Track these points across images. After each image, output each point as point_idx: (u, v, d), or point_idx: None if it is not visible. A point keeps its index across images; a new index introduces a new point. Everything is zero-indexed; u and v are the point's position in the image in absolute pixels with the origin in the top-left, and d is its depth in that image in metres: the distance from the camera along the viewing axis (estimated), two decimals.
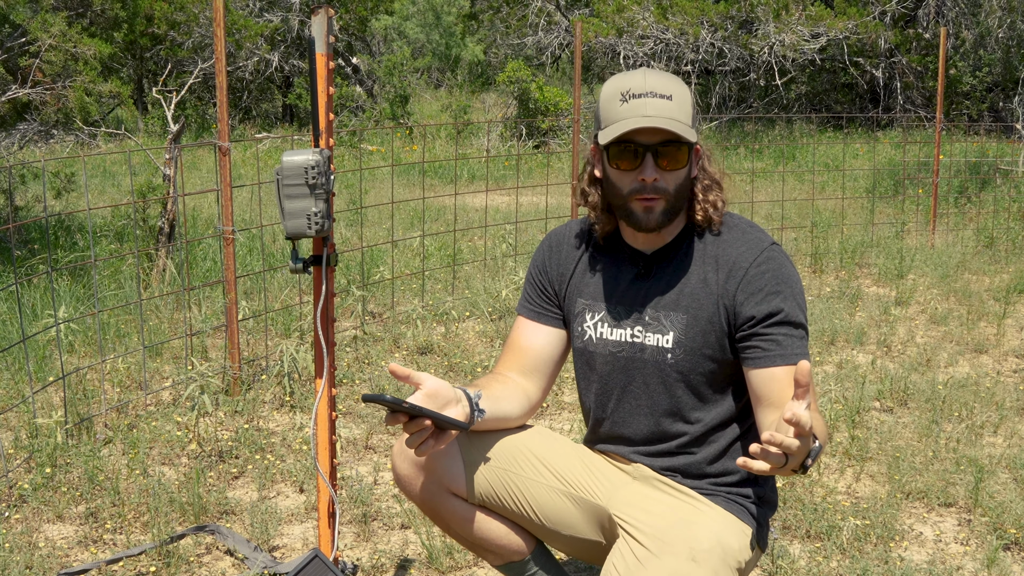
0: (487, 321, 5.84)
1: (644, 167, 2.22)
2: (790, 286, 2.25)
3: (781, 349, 2.21)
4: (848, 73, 16.88)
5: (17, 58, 8.96)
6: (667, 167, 2.23)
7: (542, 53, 18.92)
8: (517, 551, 2.52)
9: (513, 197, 10.10)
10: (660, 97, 2.20)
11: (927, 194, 9.08)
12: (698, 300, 2.28)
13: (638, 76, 2.23)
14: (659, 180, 2.22)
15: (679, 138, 2.20)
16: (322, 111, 2.54)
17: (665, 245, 2.34)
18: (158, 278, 6.13)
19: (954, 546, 3.33)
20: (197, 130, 15.98)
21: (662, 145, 2.20)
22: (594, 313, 2.41)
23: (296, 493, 3.72)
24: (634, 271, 2.37)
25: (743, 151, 13.12)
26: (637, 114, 2.19)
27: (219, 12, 4.45)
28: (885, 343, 5.51)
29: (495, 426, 2.42)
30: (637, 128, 2.18)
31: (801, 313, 2.25)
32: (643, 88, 2.21)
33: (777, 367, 2.20)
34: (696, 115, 2.30)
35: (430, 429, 2.16)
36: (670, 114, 2.19)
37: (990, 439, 4.22)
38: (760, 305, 2.22)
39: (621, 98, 2.22)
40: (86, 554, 3.26)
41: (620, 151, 2.23)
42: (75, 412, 4.22)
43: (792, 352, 2.21)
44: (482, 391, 2.35)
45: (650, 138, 2.21)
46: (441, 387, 2.23)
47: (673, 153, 2.22)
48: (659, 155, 2.21)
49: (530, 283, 2.54)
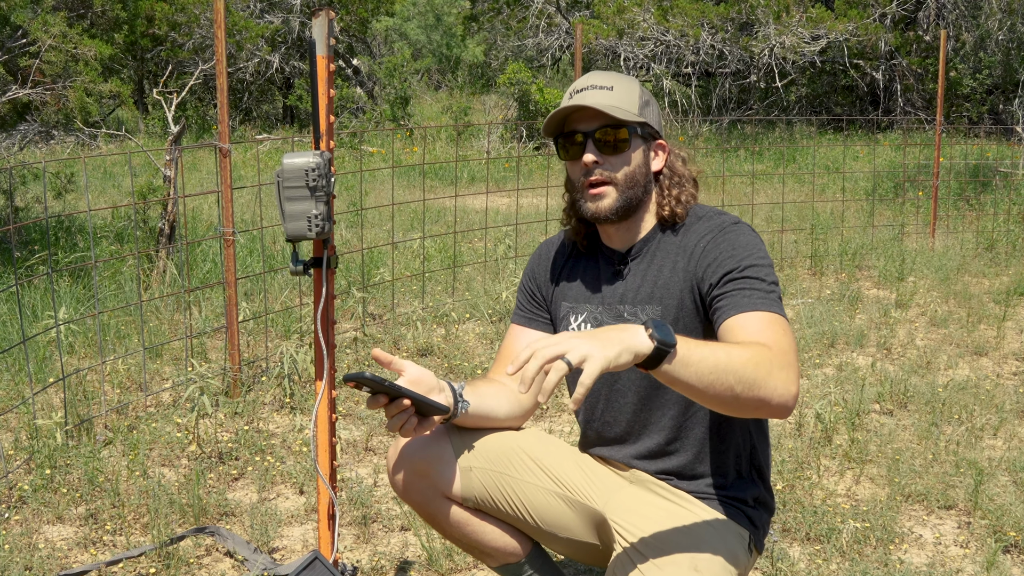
0: (487, 323, 5.84)
1: (585, 152, 2.31)
2: (745, 248, 2.22)
3: (732, 300, 2.16)
4: (848, 75, 16.89)
5: (17, 59, 8.97)
6: (607, 151, 2.30)
7: (543, 55, 18.94)
8: (513, 553, 2.52)
9: (513, 199, 10.11)
10: (600, 89, 2.31)
11: (927, 196, 9.08)
12: (669, 289, 2.30)
13: (585, 76, 2.36)
14: (602, 164, 2.31)
15: (617, 121, 2.28)
16: (323, 113, 2.54)
17: (638, 242, 2.39)
18: (158, 279, 6.13)
19: (954, 549, 3.33)
20: (198, 131, 15.98)
21: (600, 129, 2.29)
22: (577, 315, 2.44)
23: (296, 495, 3.72)
24: (611, 270, 2.42)
25: (743, 153, 13.13)
26: (574, 103, 2.30)
27: (220, 13, 4.45)
28: (885, 345, 5.52)
29: (483, 424, 2.43)
30: (574, 115, 2.31)
31: (762, 270, 2.18)
32: (584, 83, 2.34)
33: (729, 318, 2.14)
34: (651, 108, 2.37)
35: (411, 411, 2.18)
36: (608, 101, 2.29)
37: (990, 442, 4.22)
38: (715, 271, 2.22)
39: (568, 96, 2.35)
40: (86, 555, 3.26)
41: (564, 143, 2.35)
42: (75, 413, 4.22)
43: (745, 302, 2.13)
44: (467, 386, 2.38)
45: (589, 124, 2.31)
46: (424, 375, 2.27)
47: (612, 136, 2.29)
48: (598, 140, 2.30)
49: (522, 291, 2.59)
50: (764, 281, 2.16)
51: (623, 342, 1.80)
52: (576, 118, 2.32)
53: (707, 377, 1.87)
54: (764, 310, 2.11)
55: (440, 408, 2.20)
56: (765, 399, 1.93)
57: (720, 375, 1.87)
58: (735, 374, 1.89)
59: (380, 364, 2.22)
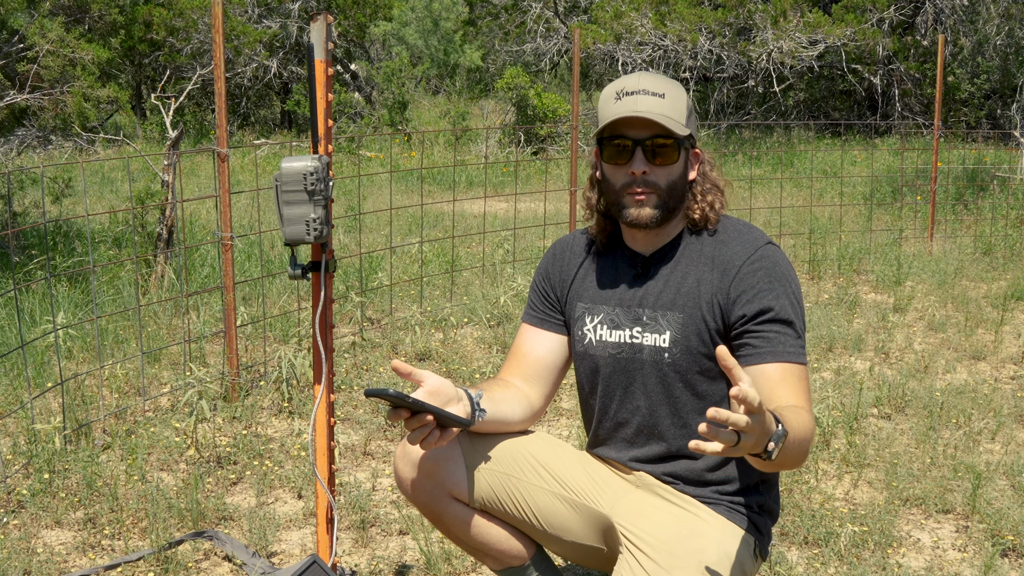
0: (485, 327, 5.84)
1: (634, 160, 2.27)
2: (783, 284, 2.25)
3: (771, 346, 2.20)
4: (846, 80, 16.90)
5: (15, 64, 8.97)
6: (657, 162, 2.28)
7: (540, 60, 18.95)
8: (517, 556, 2.52)
9: (511, 204, 10.11)
10: (652, 95, 2.27)
11: (925, 201, 9.09)
12: (694, 299, 2.29)
13: (634, 77, 2.31)
14: (649, 174, 2.28)
15: (669, 132, 2.25)
16: (321, 117, 2.55)
17: (663, 246, 2.37)
18: (156, 284, 6.13)
19: (952, 552, 3.33)
20: (196, 136, 15.98)
21: (651, 139, 2.26)
22: (593, 316, 2.43)
23: (294, 499, 3.72)
24: (632, 272, 2.39)
25: (741, 158, 13.14)
26: (628, 108, 2.26)
27: (218, 18, 4.46)
28: (883, 350, 5.52)
29: (496, 429, 2.43)
30: (625, 119, 2.26)
31: (793, 311, 2.24)
32: (636, 87, 2.28)
33: (767, 364, 2.20)
34: (692, 118, 2.35)
35: (432, 425, 2.18)
36: (660, 110, 2.26)
37: (988, 446, 4.22)
38: (751, 303, 2.23)
39: (615, 96, 2.30)
40: (84, 560, 3.26)
41: (612, 146, 2.30)
42: (73, 418, 4.22)
43: (783, 350, 2.20)
44: (483, 392, 2.37)
45: (640, 132, 2.26)
46: (443, 385, 2.25)
47: (663, 147, 2.27)
48: (648, 149, 2.27)
49: (534, 291, 2.56)
50: (796, 327, 2.23)
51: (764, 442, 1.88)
52: (626, 122, 2.27)
53: (787, 459, 2.01)
54: (795, 362, 2.21)
55: (460, 421, 2.21)
56: (792, 468, 2.14)
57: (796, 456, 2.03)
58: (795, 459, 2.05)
59: (400, 375, 2.20)
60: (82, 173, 5.07)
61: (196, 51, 16.27)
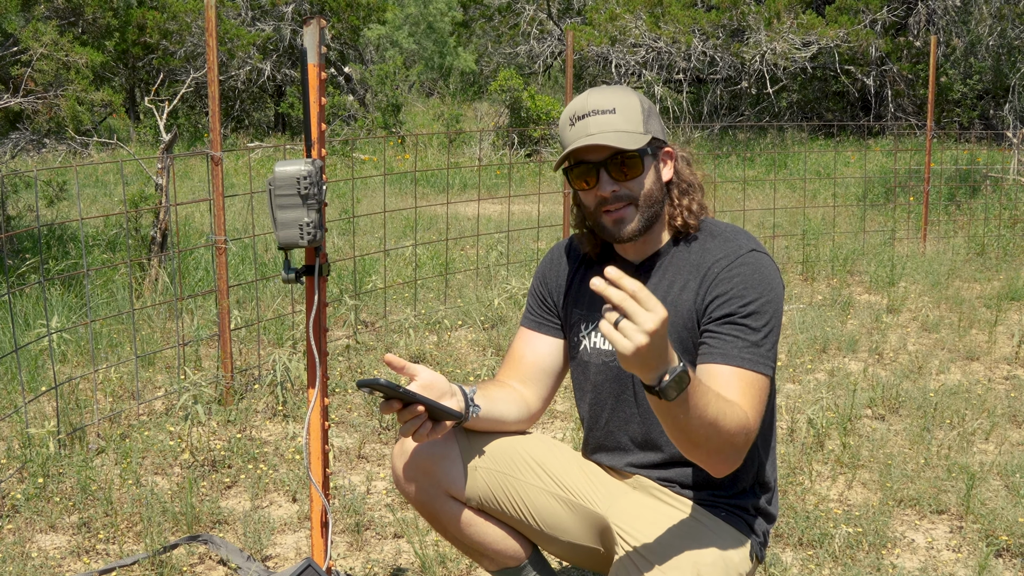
0: (479, 330, 5.84)
1: (601, 183, 2.27)
2: (758, 291, 2.22)
3: (724, 348, 2.17)
4: (839, 81, 16.95)
5: (9, 67, 8.96)
6: (624, 177, 2.27)
7: (534, 62, 18.97)
8: (513, 556, 2.52)
9: (505, 206, 10.12)
10: (602, 113, 2.26)
11: (918, 202, 9.11)
12: (679, 307, 2.29)
13: (582, 97, 2.30)
14: (619, 190, 2.27)
15: (624, 150, 2.24)
16: (314, 121, 2.55)
17: (652, 254, 2.37)
18: (150, 287, 6.13)
19: (946, 553, 3.34)
20: (189, 139, 15.98)
21: (611, 159, 2.25)
22: (588, 323, 2.43)
23: (289, 503, 3.72)
24: None
25: (735, 159, 13.16)
26: (580, 135, 2.26)
27: (211, 22, 4.46)
28: (877, 351, 5.53)
29: (491, 427, 2.43)
30: (580, 148, 2.26)
31: (762, 319, 2.19)
32: (585, 108, 2.28)
33: (717, 364, 2.16)
34: (653, 119, 2.32)
35: (424, 416, 2.18)
36: (613, 127, 2.25)
37: (981, 446, 4.23)
38: (721, 307, 2.22)
39: (570, 122, 2.30)
40: (79, 564, 3.25)
41: (576, 172, 2.30)
42: (68, 422, 4.21)
43: (737, 354, 2.16)
44: (478, 389, 2.37)
45: (598, 155, 2.26)
46: (436, 379, 2.26)
47: (624, 164, 2.26)
48: (611, 168, 2.26)
49: (532, 294, 2.57)
50: (758, 331, 2.18)
51: (657, 369, 1.83)
52: (583, 149, 2.27)
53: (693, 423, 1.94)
54: (750, 369, 2.15)
55: (452, 413, 2.21)
56: (708, 465, 2.08)
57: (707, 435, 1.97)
58: (707, 439, 1.98)
59: (393, 369, 2.22)
60: (76, 176, 5.07)
61: (190, 54, 16.27)
